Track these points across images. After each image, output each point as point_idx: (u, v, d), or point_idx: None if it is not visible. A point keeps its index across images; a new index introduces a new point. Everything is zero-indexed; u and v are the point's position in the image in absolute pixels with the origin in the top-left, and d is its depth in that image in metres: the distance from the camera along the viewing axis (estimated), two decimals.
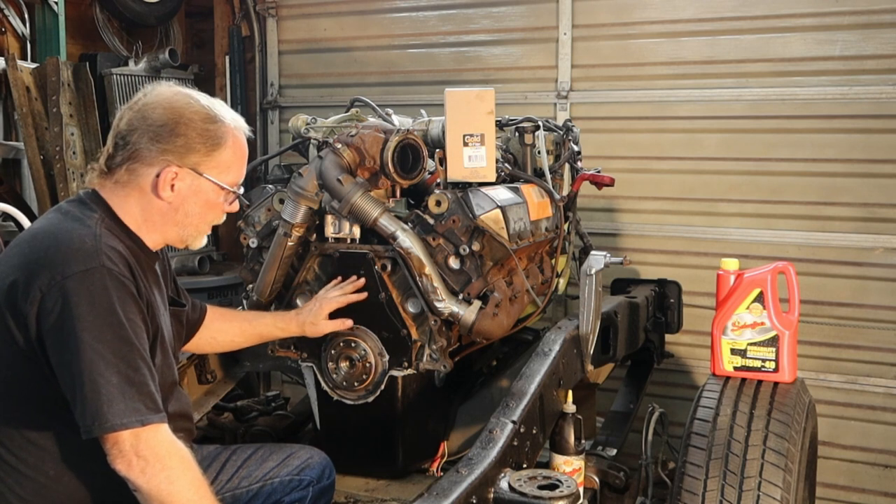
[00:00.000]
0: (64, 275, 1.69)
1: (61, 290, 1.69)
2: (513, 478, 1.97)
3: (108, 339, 1.69)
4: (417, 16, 4.68)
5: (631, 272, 3.95)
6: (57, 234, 1.78)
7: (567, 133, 3.08)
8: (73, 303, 1.68)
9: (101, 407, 1.66)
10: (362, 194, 2.41)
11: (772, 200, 3.97)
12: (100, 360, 1.67)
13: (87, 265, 1.71)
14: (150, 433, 1.70)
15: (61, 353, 1.70)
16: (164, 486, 1.69)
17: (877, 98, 3.75)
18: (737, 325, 2.71)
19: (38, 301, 1.70)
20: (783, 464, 2.29)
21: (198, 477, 1.75)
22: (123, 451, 1.68)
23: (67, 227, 1.80)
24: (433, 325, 2.44)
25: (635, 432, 3.00)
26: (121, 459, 1.68)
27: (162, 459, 1.70)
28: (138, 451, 1.68)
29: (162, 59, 4.66)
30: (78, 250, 1.73)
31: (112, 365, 1.68)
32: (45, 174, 3.98)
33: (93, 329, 1.68)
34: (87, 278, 1.70)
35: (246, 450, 2.27)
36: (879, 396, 3.89)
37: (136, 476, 1.68)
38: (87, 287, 1.69)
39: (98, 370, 1.67)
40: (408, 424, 2.57)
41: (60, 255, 1.72)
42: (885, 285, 3.82)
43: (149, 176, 1.88)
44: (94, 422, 1.67)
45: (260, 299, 2.61)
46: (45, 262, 1.72)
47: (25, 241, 1.84)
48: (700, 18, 4.04)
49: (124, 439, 1.68)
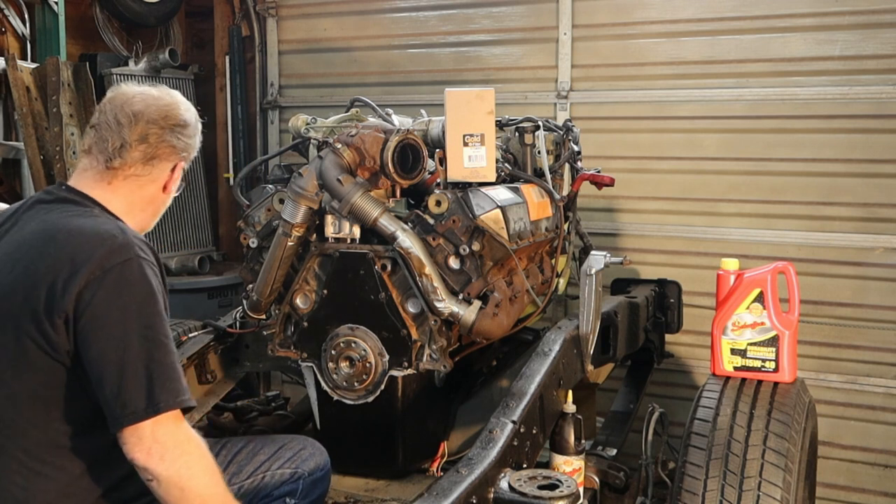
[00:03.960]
0: (103, 268, 1.72)
1: (101, 282, 1.71)
2: (513, 478, 1.97)
3: (150, 325, 1.73)
4: (417, 16, 4.68)
5: (631, 272, 3.95)
6: (81, 230, 1.80)
7: (567, 133, 3.08)
8: (114, 294, 1.72)
9: (137, 394, 1.69)
10: (362, 194, 2.41)
11: (772, 200, 3.97)
12: (142, 348, 1.71)
13: (124, 257, 1.75)
14: (171, 420, 1.72)
15: (98, 343, 1.71)
16: (184, 471, 1.70)
17: (877, 98, 3.75)
18: (737, 325, 2.71)
19: (75, 297, 1.71)
20: (783, 464, 2.29)
21: (213, 464, 1.78)
22: (143, 438, 1.69)
23: (89, 224, 1.82)
24: (433, 325, 2.43)
25: (635, 432, 3.00)
26: (139, 447, 1.69)
27: (181, 445, 1.72)
28: (157, 437, 1.70)
29: (162, 59, 4.66)
30: (111, 244, 1.76)
31: (154, 351, 1.72)
32: (45, 174, 3.99)
33: (136, 317, 1.72)
34: (126, 269, 1.74)
35: (236, 443, 2.26)
36: (879, 396, 3.89)
37: (155, 463, 1.69)
38: (126, 278, 1.73)
39: (140, 358, 1.70)
40: (408, 424, 2.57)
41: (95, 249, 1.74)
42: (885, 285, 3.82)
43: (165, 170, 1.98)
44: (132, 408, 1.68)
45: (260, 299, 2.61)
46: (80, 258, 1.73)
47: (42, 242, 1.81)
48: (700, 18, 4.04)
49: (145, 427, 1.69)
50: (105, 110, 1.95)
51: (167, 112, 1.96)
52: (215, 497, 1.76)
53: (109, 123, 1.92)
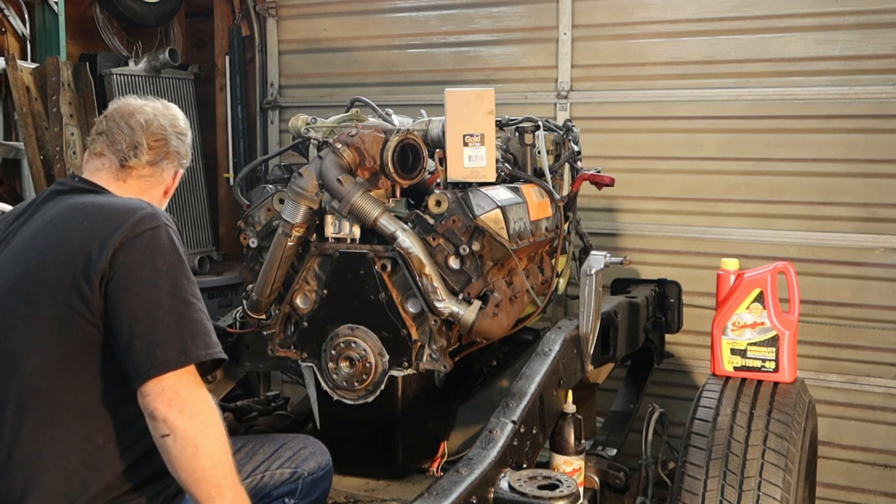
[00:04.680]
0: (135, 232, 1.80)
1: (134, 243, 1.79)
2: (513, 478, 1.97)
3: (180, 285, 1.80)
4: (417, 16, 4.68)
5: (631, 272, 3.95)
6: (111, 204, 1.91)
7: (567, 133, 3.08)
8: (147, 255, 1.79)
9: (168, 346, 1.73)
10: (362, 194, 2.41)
11: (772, 200, 3.97)
12: (173, 305, 1.77)
13: (154, 224, 1.84)
14: (193, 379, 1.75)
15: (130, 300, 1.76)
16: (200, 428, 1.72)
17: (877, 98, 3.75)
18: (737, 325, 2.71)
19: (110, 258, 1.77)
20: (783, 464, 2.29)
21: (225, 433, 1.79)
22: (166, 389, 1.71)
23: (116, 199, 1.95)
24: (433, 325, 2.44)
25: (635, 432, 3.00)
26: (162, 398, 1.71)
27: (199, 404, 1.75)
28: (178, 391, 1.72)
29: (162, 59, 4.66)
30: (142, 213, 1.85)
31: (184, 308, 1.78)
32: (45, 174, 3.98)
33: (167, 277, 1.79)
34: (157, 234, 1.82)
35: (236, 443, 2.24)
36: (879, 396, 3.89)
37: (175, 415, 1.70)
38: (157, 242, 1.82)
39: (171, 313, 1.76)
40: (408, 424, 2.57)
41: (127, 217, 1.83)
42: (885, 285, 3.82)
43: (169, 175, 2.13)
44: (162, 359, 1.72)
45: (260, 299, 2.61)
46: (113, 224, 1.81)
47: (72, 217, 1.88)
48: (700, 18, 4.04)
49: (169, 379, 1.72)
50: (113, 118, 2.07)
51: (172, 120, 2.13)
52: (224, 464, 1.76)
53: (121, 128, 2.04)
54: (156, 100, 2.15)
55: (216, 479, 1.73)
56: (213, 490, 1.72)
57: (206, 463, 1.72)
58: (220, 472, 1.73)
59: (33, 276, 1.82)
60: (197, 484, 1.72)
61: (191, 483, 1.72)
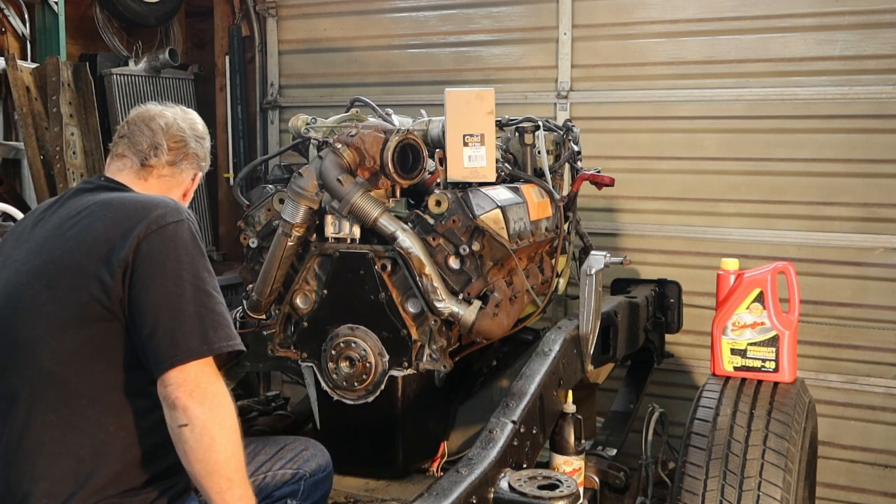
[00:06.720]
0: (159, 224, 1.84)
1: (159, 235, 1.83)
2: (513, 478, 1.97)
3: (202, 277, 1.83)
4: (417, 16, 4.68)
5: (631, 272, 3.95)
6: (135, 198, 1.95)
7: (567, 133, 3.08)
8: (170, 246, 1.83)
9: (191, 335, 1.75)
10: (362, 194, 2.41)
11: (772, 200, 3.98)
12: (195, 296, 1.79)
13: (177, 217, 1.88)
14: (213, 371, 1.77)
15: (153, 290, 1.78)
16: (219, 420, 1.74)
17: (877, 98, 3.75)
18: (737, 325, 2.71)
19: (134, 248, 1.80)
20: (783, 464, 2.30)
21: (239, 428, 1.81)
22: (188, 379, 1.73)
23: (140, 195, 1.99)
24: (433, 325, 2.44)
25: (635, 432, 3.00)
26: (184, 387, 1.73)
27: (218, 396, 1.77)
28: (199, 381, 1.74)
29: (162, 59, 4.66)
30: (166, 207, 1.89)
31: (205, 299, 1.81)
32: (45, 174, 3.98)
33: (190, 269, 1.82)
34: (180, 227, 1.86)
35: None
36: (879, 396, 3.89)
37: (195, 405, 1.72)
38: (180, 235, 1.85)
39: (193, 303, 1.78)
40: (408, 424, 2.57)
41: (151, 210, 1.86)
42: (885, 285, 3.82)
43: (188, 177, 2.16)
44: (185, 347, 1.74)
45: (260, 299, 2.61)
46: (137, 216, 1.85)
47: (98, 209, 1.91)
48: (700, 18, 4.04)
49: (191, 368, 1.74)
50: (135, 122, 2.12)
51: (191, 124, 2.18)
52: (237, 458, 1.77)
53: (142, 131, 2.10)
54: (175, 106, 2.20)
55: (228, 472, 1.74)
56: (224, 483, 1.74)
57: (221, 455, 1.73)
58: (232, 467, 1.75)
59: (56, 263, 1.85)
60: (209, 476, 1.73)
61: (203, 475, 1.73)
